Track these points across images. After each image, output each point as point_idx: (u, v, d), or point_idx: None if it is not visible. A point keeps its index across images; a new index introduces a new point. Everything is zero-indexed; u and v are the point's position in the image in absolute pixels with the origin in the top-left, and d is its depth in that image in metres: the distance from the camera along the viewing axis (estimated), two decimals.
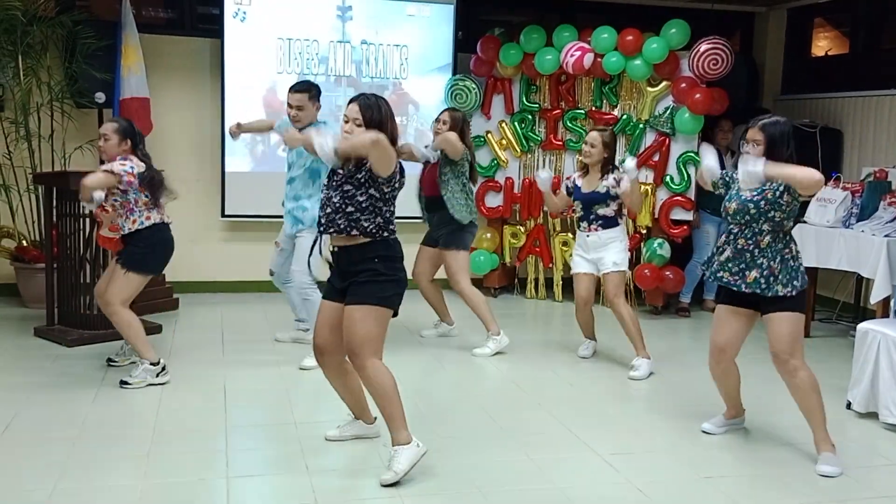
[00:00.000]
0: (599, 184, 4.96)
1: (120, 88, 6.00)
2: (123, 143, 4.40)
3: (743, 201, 3.62)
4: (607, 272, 5.01)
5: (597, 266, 5.05)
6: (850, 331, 5.70)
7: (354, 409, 3.67)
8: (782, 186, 3.53)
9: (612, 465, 3.55)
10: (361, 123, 3.25)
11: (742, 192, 3.64)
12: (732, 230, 3.68)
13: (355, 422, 3.70)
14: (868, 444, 3.96)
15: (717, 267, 3.74)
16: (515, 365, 5.04)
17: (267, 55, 6.53)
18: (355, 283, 3.29)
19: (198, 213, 6.59)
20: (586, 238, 5.04)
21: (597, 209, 4.98)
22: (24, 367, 4.67)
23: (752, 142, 3.58)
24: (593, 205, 4.98)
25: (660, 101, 6.53)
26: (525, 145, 6.84)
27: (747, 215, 3.60)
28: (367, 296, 3.26)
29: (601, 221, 4.99)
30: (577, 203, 5.04)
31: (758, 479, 3.49)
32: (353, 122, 3.26)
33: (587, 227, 5.03)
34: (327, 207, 3.31)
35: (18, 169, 6.10)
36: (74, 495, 3.11)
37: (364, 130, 3.22)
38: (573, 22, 6.63)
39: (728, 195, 3.74)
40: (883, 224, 5.33)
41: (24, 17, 5.78)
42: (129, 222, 4.37)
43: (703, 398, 4.31)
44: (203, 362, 4.82)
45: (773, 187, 3.55)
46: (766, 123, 3.58)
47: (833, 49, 7.50)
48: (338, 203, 3.27)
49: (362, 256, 3.29)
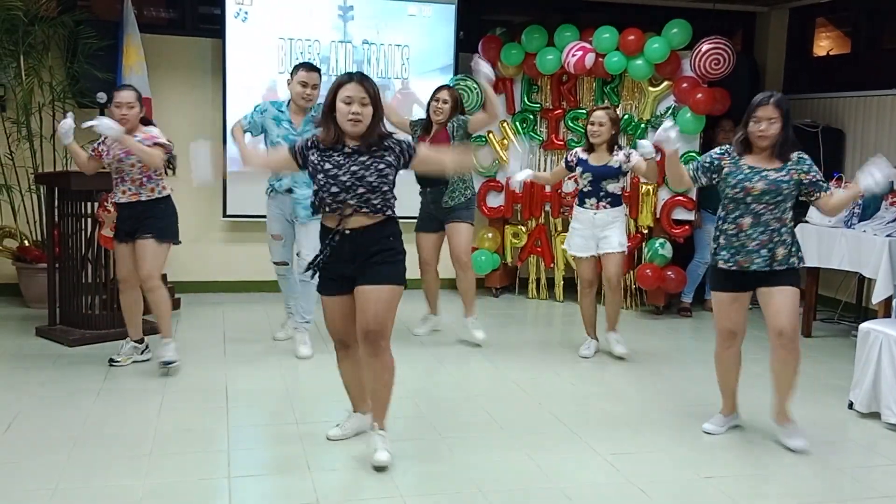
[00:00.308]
0: (611, 158, 4.98)
1: None
2: (140, 111, 4.49)
3: (773, 181, 3.62)
4: (612, 252, 5.01)
5: (597, 245, 5.04)
6: (851, 331, 5.70)
7: (358, 400, 3.68)
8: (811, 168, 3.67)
9: (613, 465, 3.55)
10: (368, 102, 3.23)
11: (767, 171, 3.64)
12: (756, 210, 3.64)
13: (354, 415, 3.70)
14: (870, 444, 3.96)
15: (731, 254, 3.70)
16: (516, 364, 5.03)
17: (268, 55, 6.54)
18: (371, 263, 3.27)
19: (199, 212, 6.59)
20: (593, 216, 5.01)
21: (606, 185, 4.98)
22: (25, 367, 4.68)
23: (767, 120, 3.62)
24: (603, 179, 4.97)
25: (661, 101, 6.53)
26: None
27: (779, 195, 3.63)
28: (389, 276, 3.29)
29: (610, 199, 5.00)
30: (587, 176, 5.00)
31: (758, 479, 3.49)
32: (360, 101, 3.21)
33: (595, 205, 5.01)
34: (359, 187, 3.22)
35: (20, 169, 6.11)
36: (76, 495, 3.12)
37: (370, 110, 3.22)
38: (574, 22, 6.62)
39: (740, 175, 3.67)
40: (885, 224, 5.32)
41: (26, 17, 5.78)
42: (148, 190, 4.49)
43: (704, 398, 4.31)
44: (204, 362, 4.82)
45: (800, 168, 3.66)
46: (779, 99, 3.64)
47: (835, 49, 7.48)
48: (373, 182, 3.23)
49: (380, 235, 3.29)
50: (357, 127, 3.23)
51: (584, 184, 5.04)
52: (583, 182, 5.04)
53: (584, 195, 5.04)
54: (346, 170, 3.24)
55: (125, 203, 4.52)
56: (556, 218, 6.84)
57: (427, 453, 3.58)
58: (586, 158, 5.04)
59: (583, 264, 5.12)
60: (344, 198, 3.23)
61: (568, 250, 5.22)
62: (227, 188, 6.58)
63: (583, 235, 5.06)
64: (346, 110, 3.21)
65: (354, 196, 3.23)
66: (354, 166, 3.24)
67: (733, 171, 3.71)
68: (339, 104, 3.22)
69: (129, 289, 4.64)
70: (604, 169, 4.97)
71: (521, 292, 7.11)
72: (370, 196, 3.24)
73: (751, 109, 3.68)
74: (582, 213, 5.07)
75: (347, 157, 3.26)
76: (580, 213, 5.09)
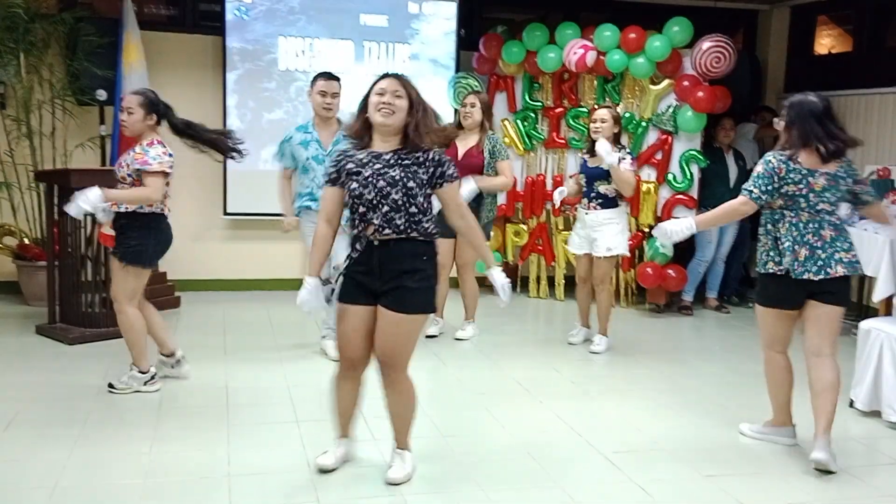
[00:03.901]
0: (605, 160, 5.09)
1: (121, 85, 5.97)
2: (149, 118, 4.07)
3: (833, 176, 3.48)
4: (599, 256, 5.17)
5: (591, 246, 5.18)
6: (852, 329, 5.68)
7: (347, 427, 3.39)
8: None
9: (615, 464, 3.54)
10: (403, 95, 3.03)
11: (818, 169, 3.46)
12: (823, 210, 3.48)
13: (343, 441, 3.40)
14: (871, 442, 3.95)
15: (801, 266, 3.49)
16: (517, 363, 5.03)
17: (269, 53, 6.52)
18: (401, 284, 3.03)
19: (199, 211, 6.59)
20: (585, 215, 5.19)
21: (597, 186, 5.11)
22: (25, 365, 4.67)
23: None
24: (595, 180, 5.11)
25: (662, 99, 6.52)
26: (528, 143, 6.83)
27: (838, 192, 3.50)
28: (417, 304, 3.06)
29: (600, 200, 5.12)
30: (582, 177, 5.19)
31: (760, 478, 3.48)
32: (394, 93, 3.02)
33: (587, 204, 5.18)
34: (384, 205, 2.99)
35: (20, 166, 6.10)
36: (76, 493, 3.11)
37: (405, 104, 3.03)
38: (576, 20, 6.63)
39: (800, 175, 3.46)
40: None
41: (26, 14, 5.77)
42: None
43: (705, 396, 4.30)
44: (205, 360, 4.81)
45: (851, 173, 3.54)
46: None
47: (836, 47, 7.47)
48: (399, 201, 3.01)
49: (414, 252, 3.06)
50: (388, 118, 3.01)
51: (583, 184, 5.22)
52: (582, 182, 5.23)
53: (584, 195, 5.23)
54: (381, 179, 3.02)
55: (116, 213, 4.13)
56: (557, 217, 6.84)
57: (428, 453, 3.57)
58: (586, 160, 5.21)
59: (576, 260, 5.42)
60: (370, 217, 3.02)
61: (567, 247, 5.35)
62: (226, 185, 6.58)
63: (578, 234, 5.28)
64: (377, 100, 3.02)
65: (379, 216, 3.01)
66: (392, 182, 3.01)
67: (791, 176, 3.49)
68: (373, 97, 3.04)
69: None
70: (595, 170, 5.11)
71: (522, 291, 7.10)
72: (393, 216, 3.00)
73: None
74: (580, 211, 5.27)
75: (376, 169, 3.03)
76: (579, 212, 5.29)
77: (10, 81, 6.03)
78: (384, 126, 3.06)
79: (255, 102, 6.54)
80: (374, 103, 3.04)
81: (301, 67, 6.58)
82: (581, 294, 5.46)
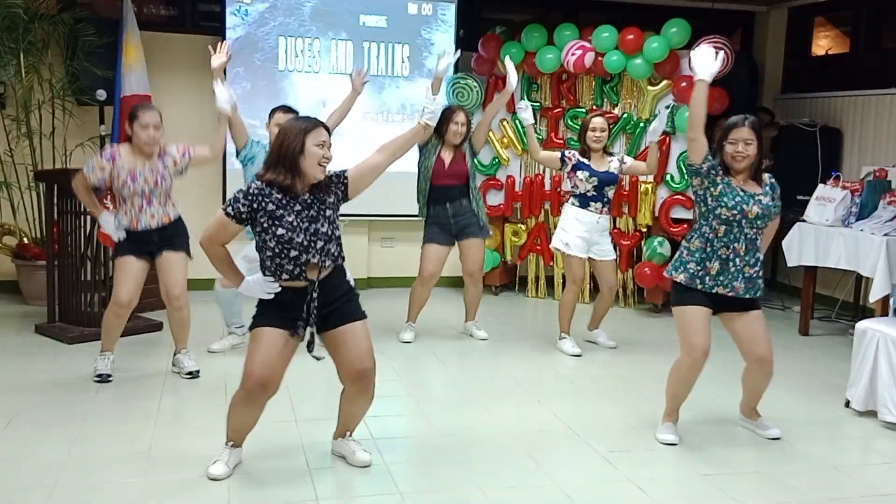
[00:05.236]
0: (609, 165, 5.13)
1: (121, 86, 5.99)
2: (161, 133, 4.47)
3: (766, 206, 3.62)
4: (610, 259, 5.24)
5: (589, 249, 5.17)
6: (849, 329, 5.71)
7: (242, 437, 3.41)
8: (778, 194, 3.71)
9: (612, 463, 3.56)
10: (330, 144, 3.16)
11: (759, 196, 3.62)
12: (749, 235, 3.61)
13: (235, 450, 3.39)
14: (866, 442, 3.98)
15: (713, 282, 3.63)
16: (515, 362, 5.05)
17: (269, 52, 6.54)
18: (339, 305, 3.21)
19: (198, 211, 6.56)
20: (596, 221, 5.15)
21: (608, 191, 5.15)
22: (24, 364, 4.68)
23: (744, 141, 3.60)
24: (606, 185, 5.12)
25: (660, 99, 6.54)
26: (526, 144, 6.84)
27: (767, 219, 3.65)
28: (361, 312, 3.28)
29: (609, 205, 5.20)
30: (593, 180, 5.09)
31: (756, 477, 3.50)
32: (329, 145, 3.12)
33: (599, 210, 5.15)
34: (317, 241, 3.08)
35: (20, 166, 6.11)
36: (75, 492, 3.12)
37: None
38: (574, 21, 6.64)
39: (734, 196, 3.58)
40: (882, 223, 5.34)
41: (26, 14, 5.79)
42: (172, 204, 4.52)
43: (701, 396, 4.31)
44: (204, 360, 4.83)
45: (775, 193, 3.70)
46: (754, 121, 3.64)
47: (833, 48, 7.50)
48: (328, 232, 3.13)
49: (341, 278, 3.25)
50: (324, 173, 3.12)
51: (588, 188, 5.12)
52: (587, 186, 5.12)
53: (589, 199, 5.14)
54: (306, 220, 3.09)
55: (155, 228, 4.43)
56: (556, 216, 6.85)
57: (426, 452, 3.59)
58: (588, 163, 5.12)
59: (578, 263, 5.20)
60: (305, 258, 3.09)
61: (563, 249, 5.21)
62: (226, 185, 6.59)
63: (583, 237, 5.15)
64: (319, 153, 3.07)
65: (316, 251, 3.09)
66: (313, 218, 3.10)
67: (727, 191, 3.60)
68: (312, 148, 3.06)
69: (125, 314, 4.43)
70: (609, 175, 5.13)
71: (520, 290, 7.11)
72: (327, 246, 3.13)
73: (725, 131, 3.64)
74: (586, 215, 5.16)
75: (314, 206, 3.12)
76: (584, 216, 5.16)
77: (9, 81, 6.05)
78: (319, 178, 3.12)
79: (255, 102, 6.54)
80: (315, 154, 3.06)
81: (301, 67, 6.60)
82: (571, 297, 5.22)
